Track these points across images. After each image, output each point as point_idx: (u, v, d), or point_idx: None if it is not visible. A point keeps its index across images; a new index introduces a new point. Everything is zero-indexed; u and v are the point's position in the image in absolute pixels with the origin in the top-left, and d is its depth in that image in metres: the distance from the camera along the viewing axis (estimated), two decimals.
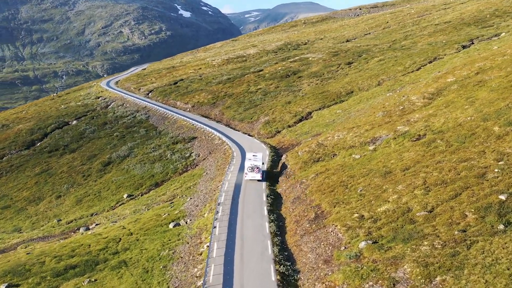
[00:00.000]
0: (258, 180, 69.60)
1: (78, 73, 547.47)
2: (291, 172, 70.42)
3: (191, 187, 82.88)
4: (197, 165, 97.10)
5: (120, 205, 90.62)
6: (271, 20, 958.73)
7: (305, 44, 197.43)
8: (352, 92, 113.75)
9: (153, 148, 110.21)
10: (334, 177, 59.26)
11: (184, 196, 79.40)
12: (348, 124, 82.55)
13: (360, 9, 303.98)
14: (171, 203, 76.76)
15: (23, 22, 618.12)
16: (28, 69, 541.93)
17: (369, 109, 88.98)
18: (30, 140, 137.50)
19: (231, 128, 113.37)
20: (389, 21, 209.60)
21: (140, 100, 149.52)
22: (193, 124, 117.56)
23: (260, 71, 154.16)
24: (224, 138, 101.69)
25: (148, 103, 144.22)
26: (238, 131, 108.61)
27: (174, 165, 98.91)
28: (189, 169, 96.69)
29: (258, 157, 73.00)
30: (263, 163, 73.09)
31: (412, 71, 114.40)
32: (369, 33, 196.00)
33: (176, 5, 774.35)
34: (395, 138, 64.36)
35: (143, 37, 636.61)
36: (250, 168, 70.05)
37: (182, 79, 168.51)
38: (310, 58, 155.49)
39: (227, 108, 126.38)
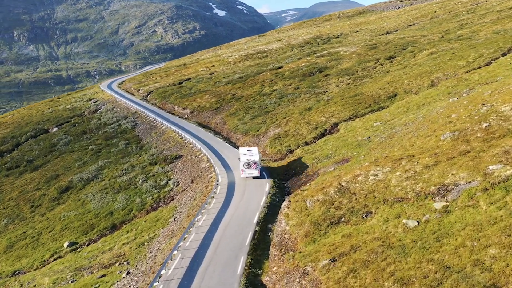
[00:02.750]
0: (254, 178, 60.57)
1: (110, 73, 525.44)
2: (289, 241, 38.87)
3: (146, 243, 52.14)
4: (172, 199, 66.21)
5: (55, 259, 60.63)
6: (308, 19, 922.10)
7: (337, 37, 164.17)
8: (396, 95, 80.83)
9: (125, 170, 79.89)
10: (368, 273, 27.76)
11: (128, 261, 48.74)
12: (393, 150, 50.13)
13: (401, 1, 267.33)
14: (101, 277, 46.06)
15: (58, 22, 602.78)
16: (62, 69, 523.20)
17: (424, 124, 56.12)
18: None
19: (231, 143, 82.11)
20: (436, 11, 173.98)
21: (132, 104, 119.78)
22: (181, 137, 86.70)
23: (279, 68, 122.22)
24: (214, 160, 70.61)
25: (140, 108, 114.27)
26: (238, 147, 77.36)
27: (142, 198, 68.26)
28: (161, 205, 65.85)
29: (253, 151, 63.55)
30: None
31: (480, 67, 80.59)
32: (414, 23, 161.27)
33: (211, 4, 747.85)
34: (487, 190, 31.99)
35: (177, 36, 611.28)
36: (247, 164, 60.78)
37: (189, 78, 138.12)
38: (341, 52, 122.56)
39: (231, 116, 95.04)
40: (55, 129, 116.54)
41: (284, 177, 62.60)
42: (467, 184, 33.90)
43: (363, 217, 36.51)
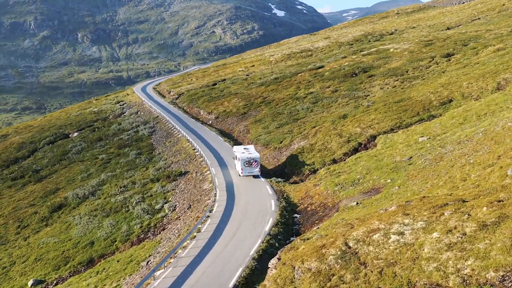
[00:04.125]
0: (254, 177, 56.63)
1: (169, 73, 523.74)
2: None
3: None
4: (164, 228, 52.96)
5: None
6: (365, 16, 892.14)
7: (391, 34, 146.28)
8: (451, 101, 64.04)
9: (124, 187, 67.53)
10: None
11: None
12: (437, 184, 34.62)
13: None
14: None
15: (120, 23, 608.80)
16: (122, 70, 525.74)
17: (485, 143, 39.94)
18: (13, 159, 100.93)
19: None
20: (505, 3, 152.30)
21: (155, 108, 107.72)
22: (194, 149, 73.46)
23: (319, 68, 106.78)
24: (219, 181, 56.89)
25: (162, 112, 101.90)
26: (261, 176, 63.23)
27: (130, 226, 55.47)
28: (149, 236, 52.76)
29: (250, 149, 60.15)
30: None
31: None
32: (478, 18, 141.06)
33: (270, 4, 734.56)
34: None
35: (235, 37, 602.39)
36: (247, 162, 56.58)
37: (224, 79, 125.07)
38: (391, 50, 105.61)
39: (256, 123, 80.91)
40: (75, 134, 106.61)
41: (298, 208, 47.94)
42: None
43: None
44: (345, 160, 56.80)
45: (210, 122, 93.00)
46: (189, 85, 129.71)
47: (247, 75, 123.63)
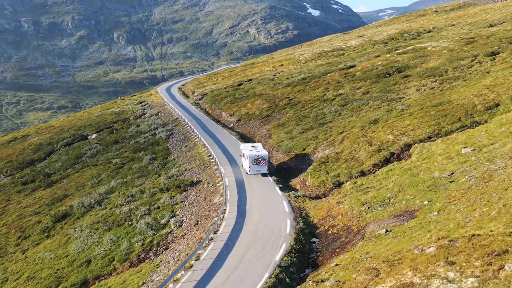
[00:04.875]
0: (263, 175, 54.27)
1: (202, 73, 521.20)
2: None
3: None
4: (167, 248, 46.63)
5: None
6: (401, 15, 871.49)
7: (429, 31, 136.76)
8: (498, 105, 55.67)
9: (131, 196, 61.59)
10: None
11: None
12: (487, 214, 26.71)
13: None
14: None
15: (155, 23, 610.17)
16: (156, 69, 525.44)
17: None
18: (29, 160, 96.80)
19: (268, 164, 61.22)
20: None
21: (176, 109, 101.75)
22: (209, 155, 66.99)
23: (350, 67, 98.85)
24: (231, 193, 50.23)
25: (182, 114, 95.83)
26: (269, 175, 56.46)
27: (131, 243, 49.34)
28: (150, 256, 46.50)
29: (258, 147, 57.77)
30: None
31: None
32: None
33: (305, 3, 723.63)
34: None
35: (269, 37, 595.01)
36: (255, 160, 54.25)
37: (250, 79, 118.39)
38: (429, 48, 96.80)
39: (279, 127, 73.90)
40: (94, 135, 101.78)
41: (317, 230, 40.81)
42: None
43: None
44: (374, 172, 49.32)
45: (232, 125, 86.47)
46: (214, 85, 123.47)
47: (274, 75, 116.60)
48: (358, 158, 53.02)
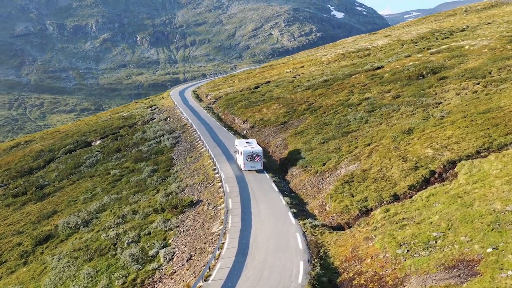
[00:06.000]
0: (257, 172, 52.79)
1: (222, 75, 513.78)
2: None
3: None
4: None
5: None
6: (429, 15, 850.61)
7: (462, 30, 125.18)
8: None
9: (121, 217, 52.56)
10: None
11: None
12: None
13: None
14: None
15: (178, 26, 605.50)
16: (179, 72, 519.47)
17: None
18: (27, 169, 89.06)
19: (282, 181, 51.65)
20: None
21: (185, 114, 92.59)
22: (214, 168, 57.53)
23: (378, 68, 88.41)
24: (233, 220, 40.68)
25: (191, 120, 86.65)
26: (285, 195, 46.83)
27: (111, 280, 40.33)
28: None
29: (253, 143, 57.24)
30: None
31: None
32: None
33: (329, 6, 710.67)
34: None
35: (292, 39, 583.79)
36: (250, 156, 53.56)
37: (268, 82, 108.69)
38: (467, 47, 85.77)
39: (297, 135, 64.05)
40: (98, 142, 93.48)
41: (339, 278, 30.92)
42: None
43: None
44: (411, 196, 39.20)
45: (245, 132, 76.92)
46: (229, 88, 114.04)
47: (294, 77, 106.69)
48: (390, 177, 42.90)
